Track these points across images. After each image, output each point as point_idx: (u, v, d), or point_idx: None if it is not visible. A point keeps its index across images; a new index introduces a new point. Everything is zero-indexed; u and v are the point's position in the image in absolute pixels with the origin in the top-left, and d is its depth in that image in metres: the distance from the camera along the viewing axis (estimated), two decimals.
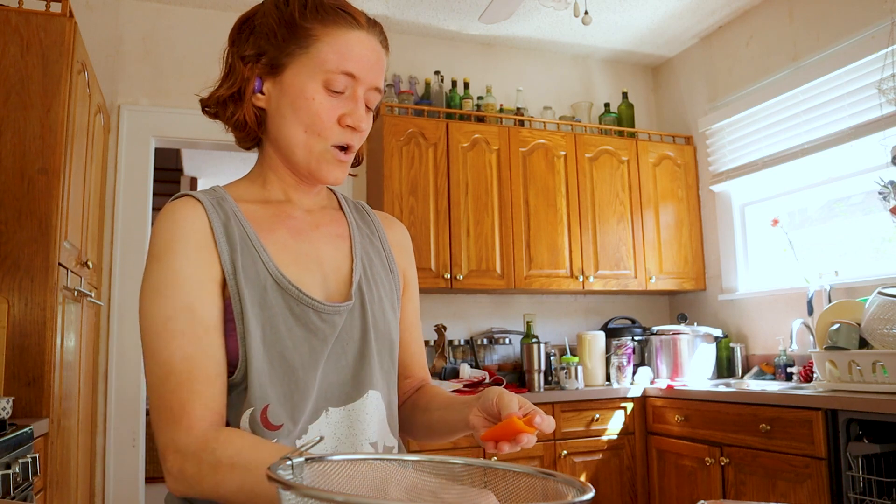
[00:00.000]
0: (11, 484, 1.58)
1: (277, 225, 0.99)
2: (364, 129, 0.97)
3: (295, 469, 0.69)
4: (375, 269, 1.06)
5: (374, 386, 0.98)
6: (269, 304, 0.92)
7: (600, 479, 3.19)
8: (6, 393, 2.04)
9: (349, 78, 0.95)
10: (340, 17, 0.95)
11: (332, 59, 0.94)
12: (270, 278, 0.93)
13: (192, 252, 0.90)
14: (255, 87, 0.98)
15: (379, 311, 1.02)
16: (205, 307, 0.88)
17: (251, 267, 0.93)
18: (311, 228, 1.02)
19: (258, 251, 0.94)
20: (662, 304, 4.18)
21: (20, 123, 2.18)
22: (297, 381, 0.91)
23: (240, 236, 0.94)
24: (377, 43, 0.98)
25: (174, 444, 0.83)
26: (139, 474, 3.16)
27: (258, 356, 0.89)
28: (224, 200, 0.97)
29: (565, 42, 4.03)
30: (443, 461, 0.84)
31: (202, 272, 0.90)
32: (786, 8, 3.41)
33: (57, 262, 2.18)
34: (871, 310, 2.47)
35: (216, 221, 0.93)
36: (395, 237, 1.14)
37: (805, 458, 2.45)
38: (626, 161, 3.80)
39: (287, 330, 0.92)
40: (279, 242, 0.97)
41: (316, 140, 0.96)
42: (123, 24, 3.37)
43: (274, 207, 1.01)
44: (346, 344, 0.97)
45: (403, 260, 1.14)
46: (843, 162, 3.12)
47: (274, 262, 0.94)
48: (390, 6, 3.53)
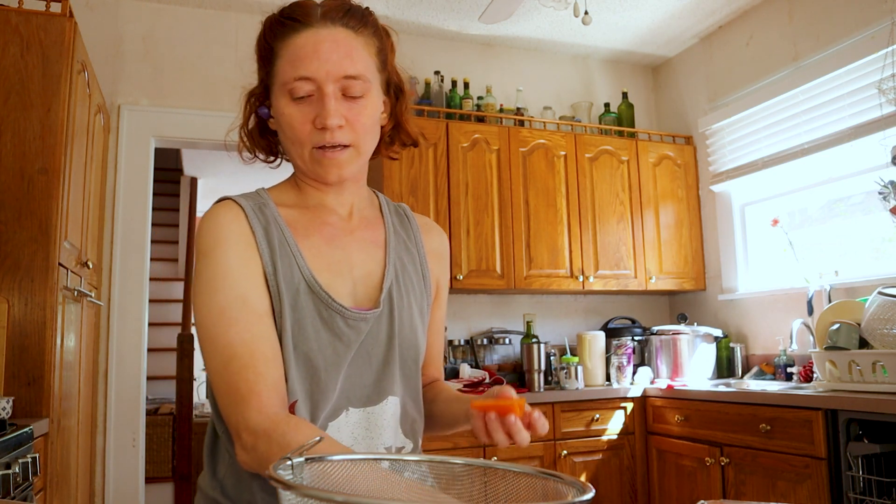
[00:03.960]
0: (11, 484, 1.58)
1: (313, 230, 1.02)
2: (333, 125, 0.94)
3: (295, 469, 0.69)
4: (408, 275, 1.07)
5: (394, 392, 1.01)
6: (300, 306, 0.95)
7: (600, 479, 3.19)
8: (6, 393, 2.04)
9: (307, 81, 0.95)
10: (289, 26, 0.97)
11: (287, 70, 0.96)
12: (304, 282, 0.97)
13: (239, 250, 0.95)
14: (264, 115, 1.05)
15: (407, 318, 1.04)
16: (256, 297, 0.93)
17: (287, 269, 0.97)
18: (346, 234, 1.04)
19: (294, 255, 0.98)
20: (662, 304, 4.18)
21: (20, 123, 2.18)
22: (318, 382, 0.95)
23: (279, 240, 0.98)
24: (339, 30, 0.97)
25: (246, 424, 0.86)
26: (139, 474, 3.16)
27: (288, 354, 0.93)
28: (265, 206, 1.01)
29: (565, 42, 4.03)
30: (443, 461, 0.84)
31: (250, 267, 0.95)
32: (786, 8, 3.41)
33: (57, 262, 2.18)
34: (871, 310, 2.47)
35: (256, 226, 0.98)
36: (431, 244, 1.15)
37: (805, 458, 2.45)
38: (626, 161, 3.80)
39: (314, 332, 0.95)
40: (314, 248, 1.00)
41: (300, 148, 0.98)
42: (123, 24, 3.37)
43: (311, 213, 1.04)
44: (371, 349, 1.00)
45: (438, 267, 1.15)
46: (843, 162, 3.12)
47: (308, 266, 0.98)
48: (390, 6, 3.53)
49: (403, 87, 1.08)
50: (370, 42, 1.00)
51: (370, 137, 1.02)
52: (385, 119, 1.08)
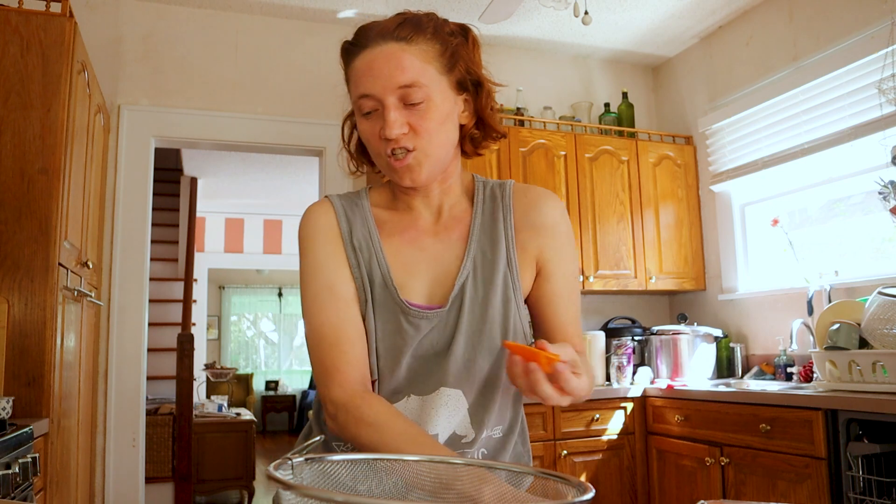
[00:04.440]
0: (11, 484, 1.58)
1: (397, 232, 1.11)
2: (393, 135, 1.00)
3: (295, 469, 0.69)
4: (490, 263, 1.08)
5: (448, 384, 1.05)
6: (376, 297, 1.06)
7: (600, 479, 3.19)
8: (6, 393, 2.04)
9: (368, 98, 1.02)
10: (350, 51, 1.05)
11: (353, 91, 1.05)
12: (381, 276, 1.06)
13: (327, 244, 1.08)
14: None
15: (480, 310, 1.06)
16: (342, 285, 1.06)
17: (368, 263, 1.07)
18: (430, 235, 1.11)
19: (376, 251, 1.08)
20: (662, 304, 4.18)
21: (20, 123, 2.18)
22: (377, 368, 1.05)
23: (363, 237, 1.09)
24: (390, 45, 1.02)
25: (329, 396, 1.00)
26: (139, 474, 3.16)
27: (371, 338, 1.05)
28: (358, 205, 1.12)
29: (565, 42, 4.03)
30: (443, 461, 0.84)
31: (336, 259, 1.08)
32: (786, 8, 3.41)
33: (57, 262, 2.18)
34: (871, 310, 2.47)
35: (343, 222, 1.10)
36: (527, 218, 1.12)
37: (805, 458, 2.45)
38: (626, 161, 3.80)
39: (381, 324, 1.05)
40: (394, 247, 1.09)
41: (379, 159, 1.06)
42: (123, 24, 3.37)
43: (400, 215, 1.13)
44: (435, 342, 1.06)
45: (538, 240, 1.11)
46: (843, 162, 3.12)
47: (387, 263, 1.07)
48: (390, 6, 3.53)
49: (483, 82, 1.13)
50: (427, 48, 1.04)
51: (438, 140, 1.04)
52: (467, 118, 1.12)
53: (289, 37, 3.64)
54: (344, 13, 3.62)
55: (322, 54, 3.61)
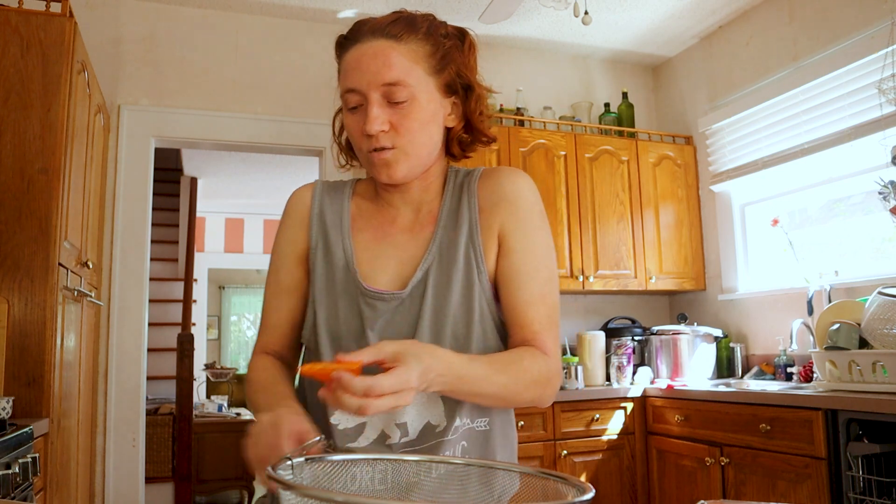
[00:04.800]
0: (11, 484, 1.58)
1: (369, 227, 1.13)
2: (374, 131, 1.00)
3: (295, 469, 0.69)
4: (454, 249, 1.07)
5: None
6: (335, 283, 1.09)
7: (600, 479, 3.18)
8: (6, 393, 2.04)
9: (353, 93, 1.03)
10: (343, 45, 1.06)
11: (341, 85, 1.06)
12: (344, 262, 1.09)
13: (289, 228, 1.15)
14: None
15: (444, 296, 1.05)
16: (284, 273, 1.14)
17: (335, 250, 1.10)
18: (403, 232, 1.11)
19: (345, 239, 1.11)
20: (662, 304, 4.18)
21: (20, 123, 2.18)
22: (341, 349, 1.01)
23: (335, 223, 1.12)
24: (380, 41, 1.02)
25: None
26: (139, 474, 3.16)
27: (320, 321, 1.08)
28: (341, 191, 1.16)
29: (565, 42, 4.03)
30: (443, 461, 0.84)
31: (289, 247, 1.14)
32: (786, 8, 3.41)
33: (57, 262, 2.17)
34: (871, 310, 2.47)
35: (316, 205, 1.14)
36: (490, 197, 1.09)
37: (805, 458, 2.45)
38: (626, 161, 3.80)
39: (343, 307, 1.07)
40: (364, 241, 1.11)
41: (361, 154, 1.08)
42: (123, 24, 3.37)
43: (377, 210, 1.14)
44: (399, 328, 1.05)
45: (498, 215, 1.07)
46: (843, 162, 3.12)
47: (353, 249, 1.10)
48: (390, 6, 3.53)
49: (474, 87, 1.10)
50: (417, 48, 1.04)
51: (419, 140, 1.04)
52: (454, 121, 1.11)
53: (289, 37, 3.64)
54: (344, 13, 3.62)
55: (322, 54, 3.60)
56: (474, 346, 1.05)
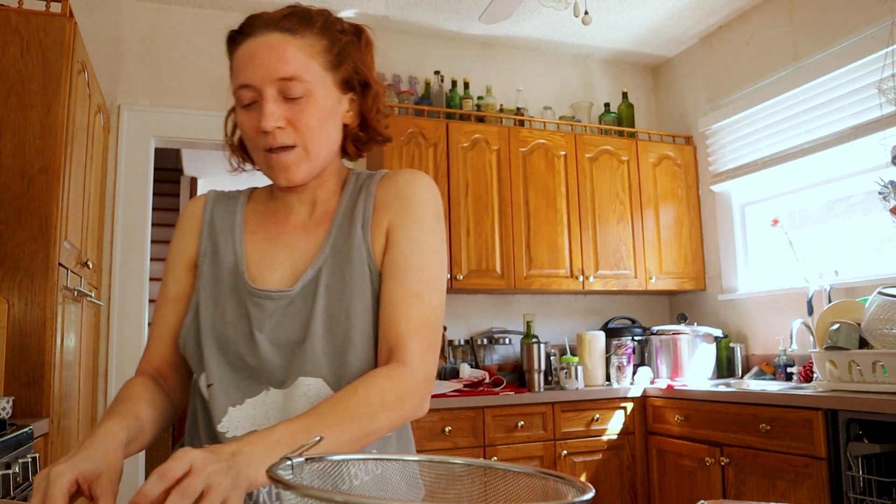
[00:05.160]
0: (11, 484, 1.58)
1: (261, 228, 1.10)
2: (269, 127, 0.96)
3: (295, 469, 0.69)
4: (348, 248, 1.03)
5: (308, 373, 0.97)
6: (222, 285, 1.05)
7: (600, 479, 3.19)
8: (6, 393, 2.04)
9: (246, 88, 0.99)
10: (235, 39, 1.03)
11: (233, 81, 1.02)
12: (234, 265, 1.05)
13: (179, 237, 1.11)
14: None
15: (337, 294, 1.00)
16: (169, 282, 1.10)
17: (224, 255, 1.07)
18: (296, 232, 1.08)
19: (236, 243, 1.07)
20: (662, 304, 4.18)
21: (20, 123, 2.18)
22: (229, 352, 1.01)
23: (226, 229, 1.09)
24: (274, 35, 0.99)
25: None
26: (139, 474, 3.16)
27: (206, 326, 1.02)
28: (235, 199, 1.14)
29: (565, 42, 4.03)
30: (443, 461, 0.84)
31: (179, 254, 1.10)
32: (786, 8, 3.41)
33: (57, 262, 2.17)
34: (871, 310, 2.47)
35: (207, 213, 1.11)
36: (384, 196, 1.06)
37: (805, 458, 2.45)
38: (626, 161, 3.80)
39: (231, 309, 1.03)
40: (255, 242, 1.08)
41: (256, 154, 1.03)
42: (123, 24, 3.37)
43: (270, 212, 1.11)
44: (290, 329, 1.00)
45: (388, 213, 1.04)
46: (843, 162, 3.12)
47: (244, 252, 1.06)
48: (390, 6, 3.53)
49: (371, 83, 1.07)
50: (313, 42, 1.00)
51: (318, 137, 1.00)
52: (351, 118, 1.07)
53: None
54: (344, 13, 3.62)
55: None
56: (369, 345, 1.00)
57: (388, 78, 3.70)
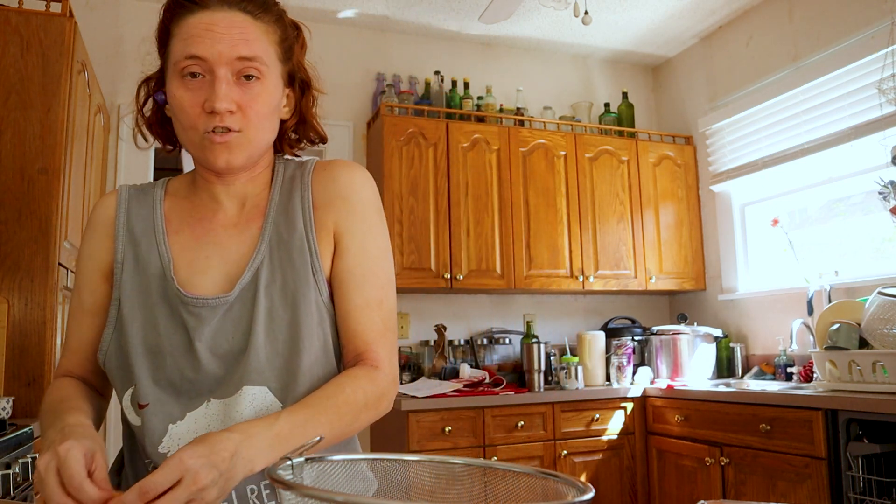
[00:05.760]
0: (11, 484, 1.58)
1: (186, 227, 1.02)
2: (222, 109, 0.91)
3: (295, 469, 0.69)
4: (286, 247, 0.99)
5: (252, 381, 0.93)
6: (150, 293, 0.97)
7: (600, 479, 3.18)
8: (6, 393, 2.05)
9: (198, 60, 0.93)
10: (185, 7, 0.97)
11: (178, 49, 0.95)
12: (161, 270, 0.98)
13: (91, 241, 1.03)
14: (160, 100, 1.04)
15: (280, 297, 0.96)
16: (85, 292, 1.02)
17: (147, 258, 0.99)
18: (226, 229, 1.01)
19: (159, 245, 1.00)
20: (662, 304, 4.18)
21: (20, 123, 2.18)
22: (164, 366, 0.94)
23: (145, 229, 1.01)
24: (235, 13, 0.95)
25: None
26: None
27: (135, 340, 0.95)
28: (149, 194, 1.05)
29: (565, 42, 4.03)
30: (443, 461, 0.84)
31: (92, 262, 1.02)
32: (786, 8, 3.41)
33: (57, 262, 2.18)
34: (871, 310, 2.47)
35: (121, 213, 1.02)
36: (325, 193, 1.02)
37: (805, 458, 2.45)
38: (626, 161, 3.80)
39: (163, 319, 0.95)
40: (181, 243, 1.00)
41: (192, 133, 0.95)
42: (123, 24, 3.37)
43: (194, 207, 1.03)
44: (230, 336, 0.95)
45: (334, 213, 1.01)
46: (843, 162, 3.12)
47: (171, 257, 0.99)
48: (390, 6, 3.53)
49: (311, 83, 1.07)
50: (271, 30, 0.98)
51: (264, 126, 0.97)
52: (287, 113, 1.05)
53: None
54: (344, 13, 3.62)
55: (322, 54, 3.60)
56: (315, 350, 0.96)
57: (388, 78, 3.70)
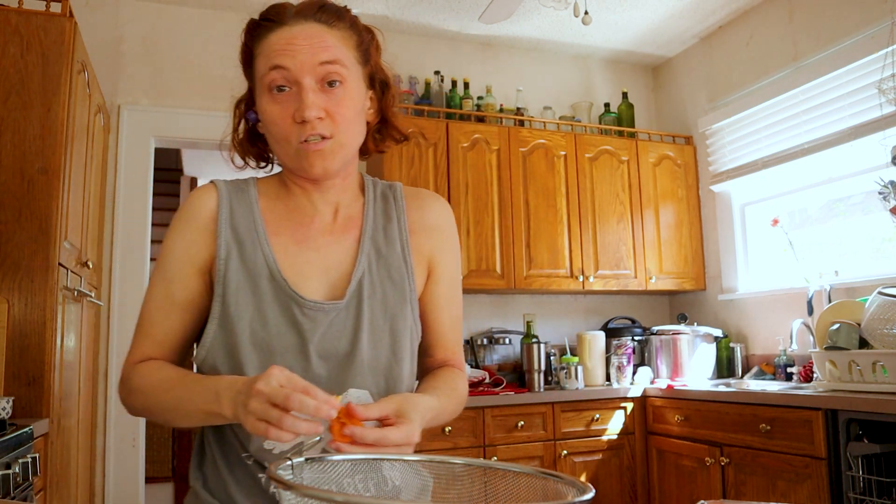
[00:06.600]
0: (11, 484, 1.58)
1: (285, 230, 1.04)
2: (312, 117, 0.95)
3: (295, 469, 0.69)
4: (385, 262, 1.06)
5: (356, 384, 0.99)
6: (260, 293, 0.99)
7: (600, 479, 3.19)
8: (6, 393, 2.04)
9: (282, 71, 0.96)
10: (264, 26, 1.01)
11: (263, 65, 1.00)
12: (267, 270, 1.00)
13: (190, 233, 1.02)
14: (252, 119, 1.07)
15: (380, 308, 1.02)
16: (176, 286, 1.01)
17: (251, 257, 1.00)
18: (323, 236, 1.05)
19: (262, 245, 1.01)
20: (662, 304, 4.18)
21: (20, 123, 2.18)
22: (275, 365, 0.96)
23: (247, 227, 1.02)
24: (311, 25, 0.99)
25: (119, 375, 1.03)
26: (139, 474, 3.16)
27: (242, 337, 0.97)
28: (245, 192, 1.06)
29: (565, 42, 4.03)
30: (443, 461, 0.84)
31: (187, 255, 1.01)
32: (786, 8, 3.41)
33: (57, 262, 2.17)
34: (871, 310, 2.47)
35: (224, 209, 1.03)
36: (420, 220, 1.11)
37: (805, 458, 2.45)
38: (626, 161, 3.80)
39: (273, 318, 0.98)
40: (282, 245, 1.03)
41: (285, 145, 0.99)
42: (123, 24, 3.37)
43: (289, 211, 1.06)
44: (337, 342, 0.99)
45: (431, 242, 1.10)
46: (843, 162, 3.12)
47: (274, 257, 1.01)
48: (390, 6, 3.53)
49: (389, 83, 1.09)
50: (347, 35, 1.02)
51: (353, 129, 1.01)
52: (371, 115, 1.09)
53: None
54: None
55: None
56: (409, 360, 1.05)
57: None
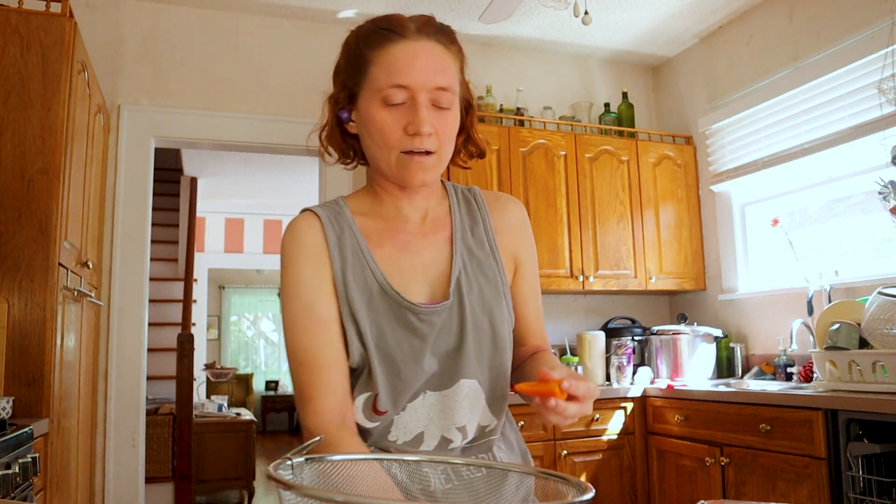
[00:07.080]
0: (11, 484, 1.58)
1: (386, 239, 1.10)
2: (425, 132, 1.01)
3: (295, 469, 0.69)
4: (477, 261, 1.12)
5: (466, 375, 1.06)
6: (375, 308, 1.05)
7: (600, 479, 3.18)
8: (6, 393, 2.04)
9: (402, 89, 1.01)
10: (385, 36, 1.04)
11: (382, 78, 1.02)
12: (377, 285, 1.06)
13: (310, 260, 1.06)
14: (344, 118, 1.11)
15: (478, 303, 1.09)
16: (321, 306, 1.04)
17: (360, 275, 1.06)
18: (418, 238, 1.12)
19: (367, 261, 1.07)
20: (662, 304, 4.18)
21: (20, 123, 2.18)
22: (399, 374, 1.03)
23: (352, 248, 1.08)
24: (433, 45, 1.05)
25: (306, 424, 1.01)
26: (139, 474, 3.16)
27: (371, 350, 1.03)
28: (341, 214, 1.11)
29: (565, 42, 4.03)
30: (444, 461, 0.84)
31: (318, 277, 1.05)
32: (786, 8, 3.41)
33: (57, 262, 2.17)
34: (871, 310, 2.47)
35: (331, 234, 1.08)
36: (504, 221, 1.18)
37: (805, 458, 2.45)
38: (626, 161, 3.79)
39: (391, 330, 1.04)
40: (386, 256, 1.09)
41: (388, 152, 1.04)
42: (123, 24, 3.37)
43: (385, 221, 1.12)
44: (446, 338, 1.06)
45: (514, 241, 1.19)
46: (843, 162, 3.12)
47: (381, 271, 1.07)
48: (390, 6, 3.53)
49: (472, 102, 1.16)
50: (457, 58, 1.09)
51: (450, 146, 1.08)
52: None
53: (289, 37, 3.64)
54: (344, 13, 3.62)
55: (322, 54, 3.60)
56: (508, 352, 1.11)
57: None
